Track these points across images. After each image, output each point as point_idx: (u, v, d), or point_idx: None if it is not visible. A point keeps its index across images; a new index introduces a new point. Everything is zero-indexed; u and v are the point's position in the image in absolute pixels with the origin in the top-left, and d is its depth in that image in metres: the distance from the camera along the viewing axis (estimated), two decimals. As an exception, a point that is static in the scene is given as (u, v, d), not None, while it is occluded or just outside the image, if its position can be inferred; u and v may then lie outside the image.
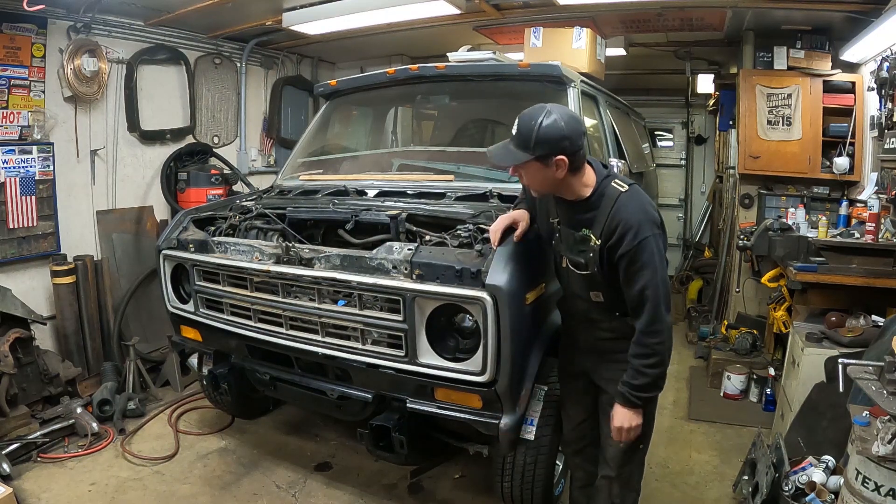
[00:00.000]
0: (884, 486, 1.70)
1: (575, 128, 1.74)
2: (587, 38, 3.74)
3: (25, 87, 3.62)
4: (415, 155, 3.68)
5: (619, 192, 1.78)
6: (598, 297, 1.90)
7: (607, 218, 1.77)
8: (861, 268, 3.08)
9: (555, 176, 1.75)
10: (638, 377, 1.80)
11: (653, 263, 1.74)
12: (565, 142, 1.70)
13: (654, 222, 1.77)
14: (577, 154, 1.74)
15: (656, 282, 1.75)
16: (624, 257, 1.75)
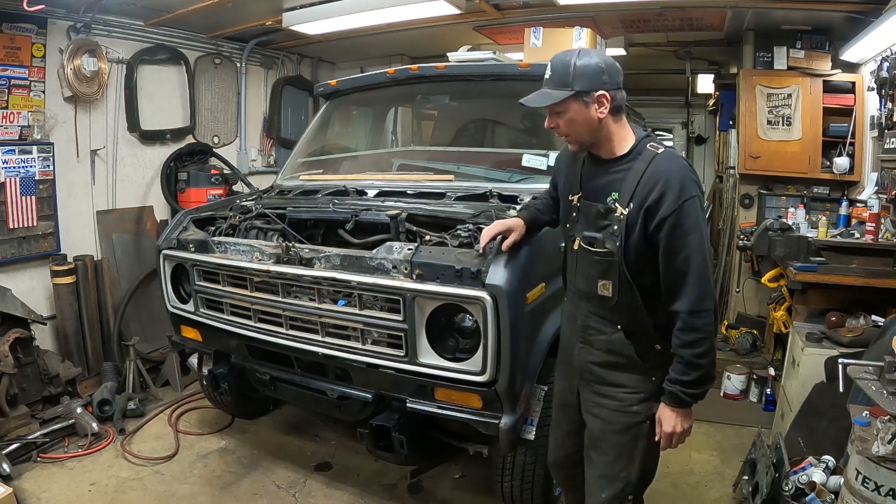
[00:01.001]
0: (884, 486, 1.70)
1: (612, 64, 1.62)
2: (587, 38, 3.73)
3: (25, 87, 3.62)
4: (415, 155, 3.69)
5: (655, 153, 1.59)
6: (607, 289, 1.64)
7: (641, 176, 1.56)
8: (861, 268, 3.08)
9: (596, 117, 1.58)
10: (690, 371, 1.57)
11: (699, 229, 1.52)
12: (605, 76, 1.58)
13: (697, 184, 1.59)
14: (617, 93, 1.61)
15: (704, 251, 1.53)
16: (666, 221, 1.52)
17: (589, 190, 1.69)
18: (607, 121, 1.60)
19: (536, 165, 2.86)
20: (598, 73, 1.58)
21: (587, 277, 1.69)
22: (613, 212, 1.59)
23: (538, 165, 2.85)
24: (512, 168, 2.90)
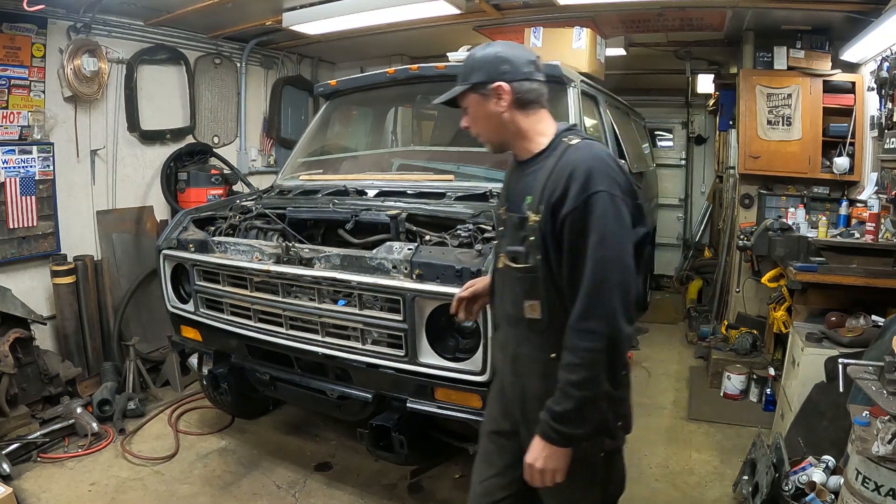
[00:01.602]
0: (884, 486, 1.70)
1: (518, 53, 1.44)
2: (587, 38, 3.74)
3: (25, 87, 3.62)
4: (415, 155, 3.69)
5: (567, 144, 1.40)
6: (535, 310, 1.42)
7: (550, 174, 1.36)
8: (861, 268, 3.08)
9: (498, 112, 1.42)
10: (561, 400, 1.31)
11: (603, 228, 1.28)
12: (505, 65, 1.41)
13: (613, 178, 1.33)
14: (522, 84, 1.42)
15: (604, 256, 1.28)
16: (567, 219, 1.31)
17: (511, 198, 1.51)
18: (514, 116, 1.43)
19: (536, 165, 2.86)
20: (496, 62, 1.42)
21: (514, 299, 1.47)
22: (527, 220, 1.39)
23: (538, 165, 2.85)
24: (512, 168, 2.90)
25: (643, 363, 4.52)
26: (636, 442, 3.30)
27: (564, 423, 1.31)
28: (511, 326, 1.52)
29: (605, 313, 1.28)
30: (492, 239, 2.18)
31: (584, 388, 1.29)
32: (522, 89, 1.42)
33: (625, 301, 1.30)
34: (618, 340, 1.30)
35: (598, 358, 1.29)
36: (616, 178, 1.34)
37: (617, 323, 1.28)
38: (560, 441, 1.33)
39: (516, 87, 1.41)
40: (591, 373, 1.29)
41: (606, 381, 1.31)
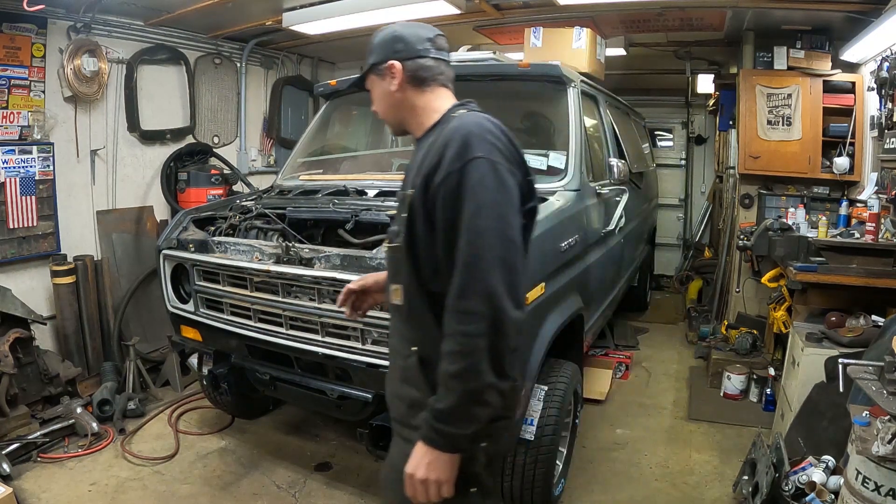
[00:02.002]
0: (884, 486, 1.70)
1: (414, 31, 1.39)
2: (587, 38, 3.74)
3: (25, 87, 3.62)
4: (415, 155, 3.68)
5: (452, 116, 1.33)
6: (398, 296, 1.31)
7: (432, 145, 1.27)
8: (861, 268, 3.08)
9: (391, 91, 1.38)
10: (443, 395, 1.15)
11: (481, 197, 1.15)
12: (399, 44, 1.37)
13: (494, 144, 1.20)
14: (416, 62, 1.36)
15: (481, 227, 1.13)
16: (441, 187, 1.18)
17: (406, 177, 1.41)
18: (408, 94, 1.38)
19: (536, 165, 2.86)
20: (391, 42, 1.38)
21: (387, 283, 1.39)
22: (406, 196, 1.28)
23: (538, 165, 2.85)
24: (512, 168, 2.90)
25: (643, 363, 4.52)
26: (636, 442, 3.31)
27: (448, 422, 1.13)
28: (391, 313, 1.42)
29: (483, 292, 1.12)
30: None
31: (464, 379, 1.12)
32: (415, 67, 1.37)
33: (509, 279, 1.13)
34: (500, 323, 1.12)
35: (478, 344, 1.11)
36: (497, 145, 1.22)
37: (498, 302, 1.11)
38: (443, 444, 1.14)
39: (409, 64, 1.37)
40: (471, 361, 1.11)
41: (491, 372, 1.12)
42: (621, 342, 4.79)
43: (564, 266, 2.55)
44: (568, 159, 2.82)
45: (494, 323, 1.12)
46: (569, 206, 2.62)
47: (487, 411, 1.15)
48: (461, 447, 1.16)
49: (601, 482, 2.92)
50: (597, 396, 3.76)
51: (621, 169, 3.03)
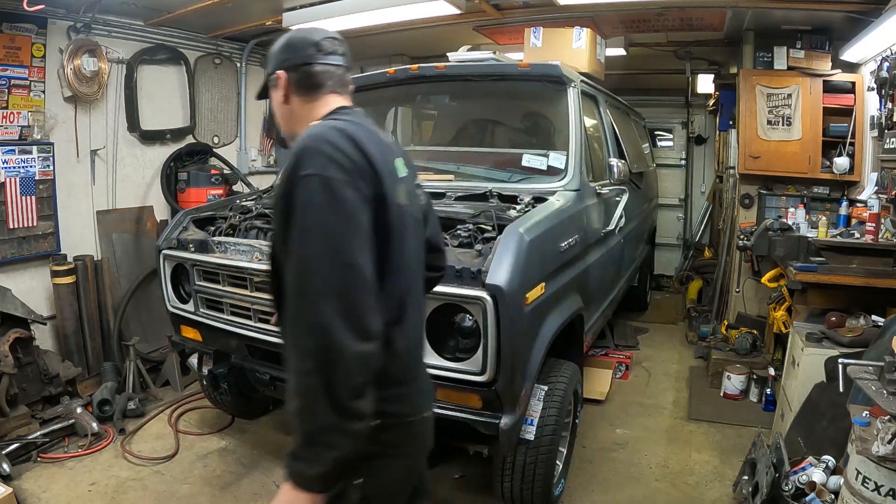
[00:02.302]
0: (884, 486, 1.70)
1: (302, 37, 1.31)
2: (587, 38, 3.74)
3: (25, 87, 3.62)
4: (415, 155, 3.68)
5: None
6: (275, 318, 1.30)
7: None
8: (861, 268, 3.08)
9: (280, 103, 1.33)
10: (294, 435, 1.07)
11: (306, 219, 1.06)
12: (286, 53, 1.31)
13: (331, 157, 1.09)
14: (301, 70, 1.29)
15: (306, 254, 1.05)
16: (276, 209, 1.14)
17: None
18: (295, 104, 1.32)
19: (536, 165, 2.86)
20: (280, 52, 1.33)
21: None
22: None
23: (538, 165, 2.85)
24: (512, 168, 2.91)
25: (643, 363, 4.52)
26: (636, 442, 3.31)
27: (296, 460, 1.06)
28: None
29: (313, 326, 1.03)
30: (492, 239, 2.18)
31: (301, 419, 1.05)
32: (299, 76, 1.30)
33: (346, 309, 1.03)
34: (335, 359, 1.02)
35: (310, 382, 1.02)
36: (336, 157, 1.09)
37: (331, 337, 1.02)
38: (298, 484, 1.06)
39: (292, 74, 1.30)
40: (305, 401, 1.04)
41: (330, 412, 1.02)
42: (621, 342, 4.79)
43: (564, 266, 2.55)
44: (568, 159, 2.82)
45: (327, 359, 1.02)
46: (569, 206, 2.62)
47: (333, 453, 1.04)
48: (315, 488, 1.06)
49: (601, 482, 2.92)
50: (597, 396, 3.76)
51: (621, 169, 3.03)
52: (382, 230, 1.15)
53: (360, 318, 1.05)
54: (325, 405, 1.02)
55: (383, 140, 1.29)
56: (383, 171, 1.17)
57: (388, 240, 1.17)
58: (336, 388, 1.02)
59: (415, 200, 1.35)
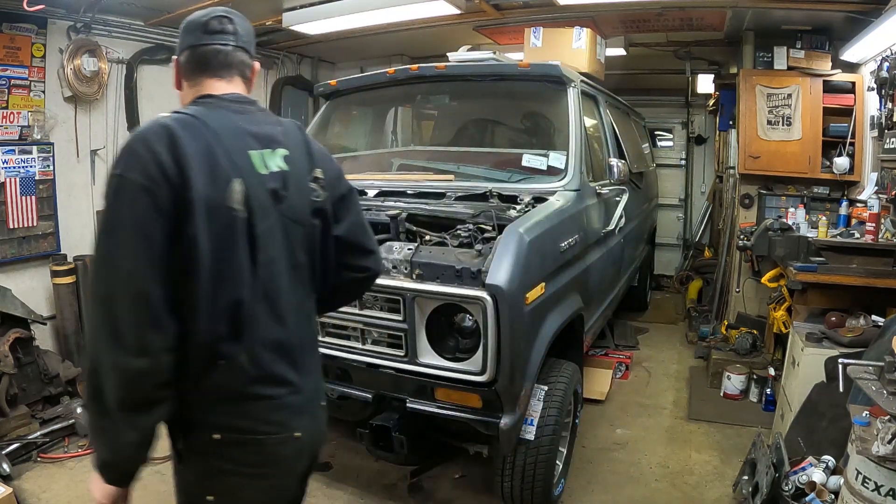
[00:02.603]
0: (884, 486, 1.70)
1: (193, 19, 1.25)
2: (587, 38, 3.74)
3: (25, 87, 3.62)
4: (415, 155, 3.69)
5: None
6: None
7: None
8: (861, 268, 3.08)
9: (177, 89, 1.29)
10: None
11: (101, 225, 1.07)
12: (180, 37, 1.26)
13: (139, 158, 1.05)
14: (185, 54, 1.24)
15: (95, 258, 1.08)
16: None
17: None
18: (184, 89, 1.27)
19: (536, 165, 2.86)
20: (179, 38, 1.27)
21: None
22: None
23: (538, 165, 2.85)
24: (512, 168, 2.91)
25: (643, 363, 4.52)
26: (636, 442, 3.31)
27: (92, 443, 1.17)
28: None
29: (91, 332, 1.06)
30: (492, 239, 2.18)
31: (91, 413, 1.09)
32: (183, 60, 1.25)
33: (110, 320, 1.02)
34: (97, 368, 1.03)
35: (88, 381, 1.06)
36: (143, 156, 1.05)
37: (96, 345, 1.04)
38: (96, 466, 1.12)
39: (181, 59, 1.26)
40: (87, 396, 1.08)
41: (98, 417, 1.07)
42: (621, 342, 4.79)
43: (564, 266, 2.55)
44: (568, 159, 2.82)
45: (92, 367, 1.04)
46: (569, 207, 2.62)
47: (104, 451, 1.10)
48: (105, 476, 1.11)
49: (601, 482, 2.92)
50: (597, 396, 3.76)
51: (621, 169, 3.03)
52: (191, 239, 1.07)
53: (122, 331, 1.02)
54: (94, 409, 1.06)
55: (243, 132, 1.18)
56: (198, 174, 1.08)
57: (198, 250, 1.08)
58: (96, 395, 1.04)
59: (296, 198, 1.22)
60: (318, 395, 1.32)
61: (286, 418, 1.21)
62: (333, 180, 1.32)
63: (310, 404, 1.27)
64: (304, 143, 1.30)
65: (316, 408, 1.30)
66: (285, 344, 1.21)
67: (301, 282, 1.26)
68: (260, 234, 1.15)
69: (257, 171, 1.17)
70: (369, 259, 1.40)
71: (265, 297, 1.17)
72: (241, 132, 1.18)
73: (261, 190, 1.16)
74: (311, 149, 1.30)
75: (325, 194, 1.28)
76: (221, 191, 1.11)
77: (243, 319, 1.14)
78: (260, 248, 1.16)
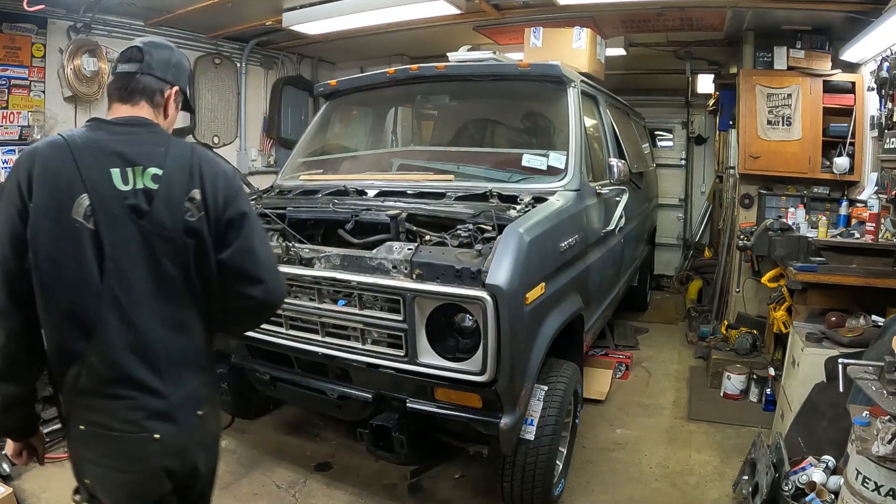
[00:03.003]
0: (884, 486, 1.70)
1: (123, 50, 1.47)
2: (587, 38, 3.74)
3: (25, 87, 3.63)
4: (415, 155, 3.69)
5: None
6: None
7: None
8: (861, 268, 3.08)
9: None
10: None
11: None
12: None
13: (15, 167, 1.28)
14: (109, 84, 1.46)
15: None
16: None
17: None
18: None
19: (536, 165, 2.86)
20: None
21: None
22: None
23: (538, 165, 2.85)
24: (512, 168, 2.91)
25: (643, 363, 4.52)
26: (636, 442, 3.31)
27: None
28: None
29: None
30: (492, 239, 2.18)
31: None
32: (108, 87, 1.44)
33: None
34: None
35: None
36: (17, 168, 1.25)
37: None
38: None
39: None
40: None
41: None
42: (621, 342, 4.80)
43: (564, 266, 2.55)
44: (568, 159, 2.82)
45: None
46: (569, 207, 2.62)
47: None
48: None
49: (601, 482, 2.92)
50: (597, 396, 3.76)
51: (621, 169, 3.03)
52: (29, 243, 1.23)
53: None
54: None
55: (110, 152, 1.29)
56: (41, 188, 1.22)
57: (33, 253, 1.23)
58: None
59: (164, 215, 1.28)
60: (192, 404, 1.35)
61: (142, 419, 1.27)
62: (220, 204, 1.33)
63: (176, 411, 1.31)
64: (191, 165, 1.33)
65: (186, 416, 1.33)
66: (143, 350, 1.27)
67: (170, 294, 1.31)
68: (108, 244, 1.24)
69: (116, 187, 1.26)
70: (255, 288, 1.35)
71: (115, 303, 1.24)
72: (106, 152, 1.29)
73: (116, 204, 1.25)
74: (197, 171, 1.33)
75: (200, 215, 1.30)
76: (64, 204, 1.22)
77: (90, 322, 1.24)
78: (108, 258, 1.24)
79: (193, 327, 1.36)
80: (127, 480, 1.31)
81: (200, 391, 1.37)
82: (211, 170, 1.35)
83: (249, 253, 1.35)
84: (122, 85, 1.41)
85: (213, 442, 1.46)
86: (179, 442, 1.32)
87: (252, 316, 1.50)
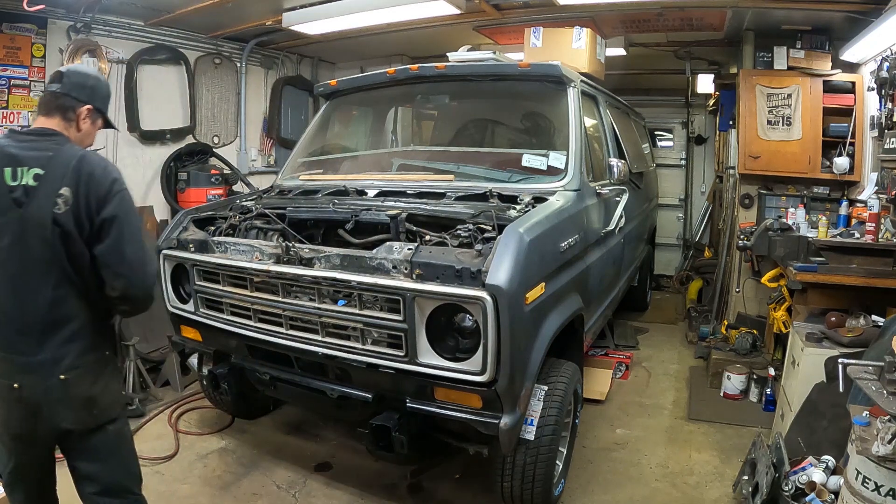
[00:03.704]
0: (884, 486, 1.70)
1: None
2: (587, 38, 3.74)
3: (25, 87, 3.63)
4: (415, 155, 3.69)
5: None
6: None
7: None
8: (861, 268, 3.08)
9: None
10: None
11: None
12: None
13: None
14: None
15: None
16: None
17: None
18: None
19: (536, 165, 2.86)
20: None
21: None
22: None
23: (538, 165, 2.85)
24: (512, 168, 2.91)
25: (643, 363, 4.52)
26: (636, 442, 3.31)
27: None
28: None
29: None
30: (492, 239, 2.18)
31: None
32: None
33: None
34: None
35: None
36: None
37: None
38: None
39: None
40: None
41: None
42: (621, 342, 4.80)
43: (564, 266, 2.55)
44: (568, 159, 2.82)
45: None
46: (569, 207, 2.62)
47: None
48: None
49: (601, 482, 2.92)
50: (597, 396, 3.76)
51: (621, 169, 3.03)
52: None
53: None
54: None
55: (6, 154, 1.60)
56: None
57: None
58: None
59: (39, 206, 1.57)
60: (56, 366, 1.64)
61: (7, 370, 1.64)
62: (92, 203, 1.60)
63: (40, 368, 1.63)
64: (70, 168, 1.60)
65: (47, 374, 1.63)
66: (11, 315, 1.62)
67: (38, 271, 1.61)
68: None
69: (6, 182, 1.59)
70: (118, 280, 1.64)
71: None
72: (6, 155, 1.61)
73: (6, 196, 1.58)
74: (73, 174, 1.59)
75: (66, 209, 1.58)
76: None
77: None
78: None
79: (66, 303, 1.64)
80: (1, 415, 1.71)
81: (68, 358, 1.65)
82: (87, 174, 1.61)
83: (116, 251, 1.63)
84: (44, 101, 1.71)
85: (81, 406, 1.70)
86: (35, 393, 1.63)
87: (121, 303, 1.76)
